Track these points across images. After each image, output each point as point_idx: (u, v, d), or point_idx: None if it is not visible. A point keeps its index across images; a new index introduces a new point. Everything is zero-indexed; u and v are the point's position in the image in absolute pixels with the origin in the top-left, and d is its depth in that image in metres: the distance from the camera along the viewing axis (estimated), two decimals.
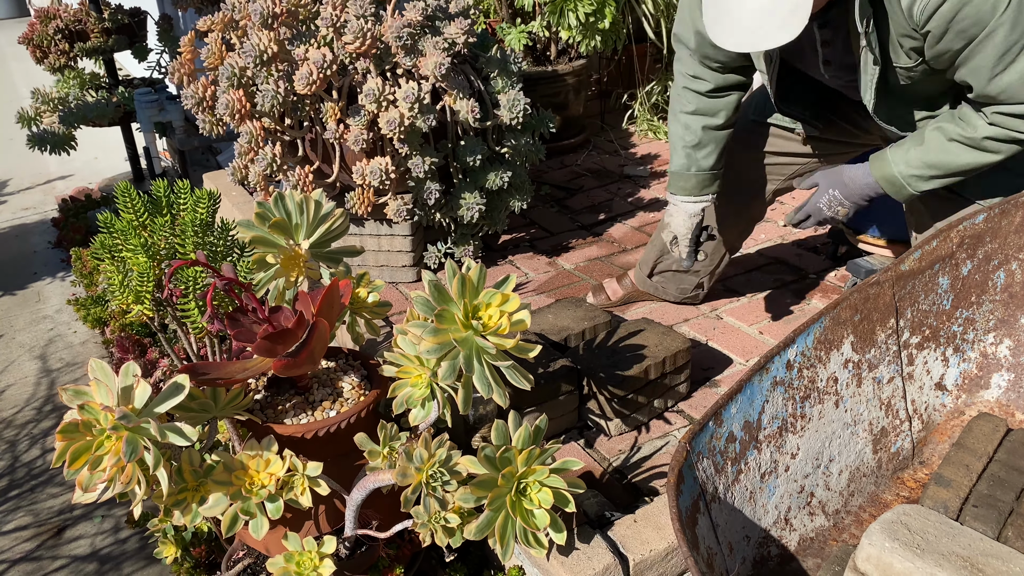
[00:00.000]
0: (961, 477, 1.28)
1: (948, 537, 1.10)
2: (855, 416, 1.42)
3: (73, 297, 3.20)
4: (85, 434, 1.24)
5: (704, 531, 1.13)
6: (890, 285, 1.44)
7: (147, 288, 1.51)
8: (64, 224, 3.82)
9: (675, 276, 2.30)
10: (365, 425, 1.51)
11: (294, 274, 1.60)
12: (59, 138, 3.60)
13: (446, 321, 1.37)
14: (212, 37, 2.39)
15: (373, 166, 2.33)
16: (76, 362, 2.84)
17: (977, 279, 1.55)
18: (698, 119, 1.96)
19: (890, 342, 1.46)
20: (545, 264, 2.71)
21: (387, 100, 2.26)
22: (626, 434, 1.92)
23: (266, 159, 2.34)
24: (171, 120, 3.72)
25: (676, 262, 2.21)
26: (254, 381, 1.58)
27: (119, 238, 1.52)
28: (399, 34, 2.26)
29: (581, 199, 3.19)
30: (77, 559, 2.00)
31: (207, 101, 2.36)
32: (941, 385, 1.55)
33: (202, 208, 1.57)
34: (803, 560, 1.31)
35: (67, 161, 4.65)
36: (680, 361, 1.94)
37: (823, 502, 1.37)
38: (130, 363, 1.28)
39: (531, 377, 1.43)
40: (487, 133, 2.53)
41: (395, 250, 2.58)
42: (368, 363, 1.64)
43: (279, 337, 1.36)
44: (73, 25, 3.70)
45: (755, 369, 1.24)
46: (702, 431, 1.15)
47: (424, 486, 1.37)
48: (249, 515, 1.36)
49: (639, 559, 1.52)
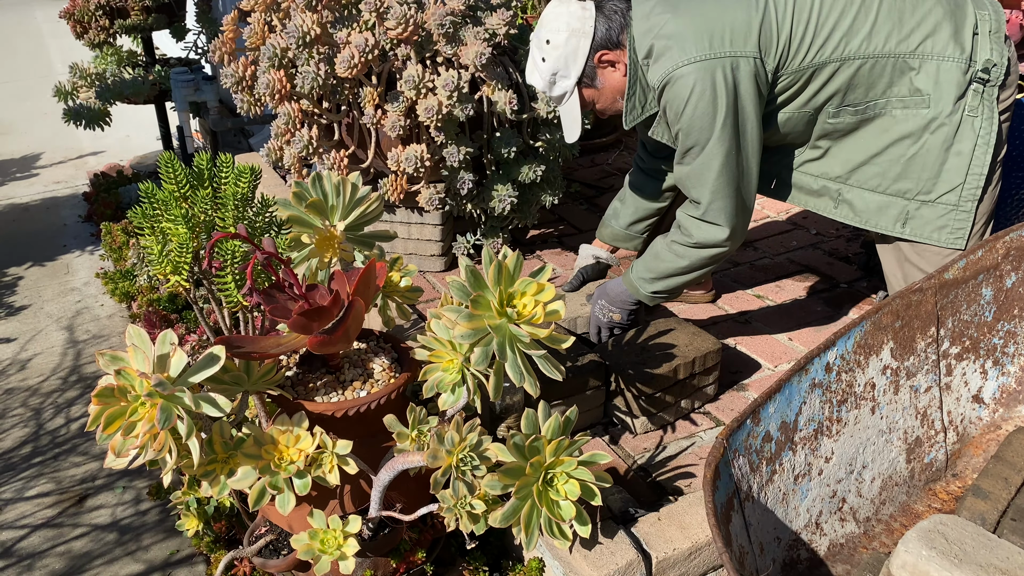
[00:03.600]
0: (999, 490, 1.26)
1: (986, 549, 1.08)
2: (890, 424, 1.40)
3: (101, 271, 3.22)
4: (120, 399, 1.24)
5: (737, 529, 1.12)
6: (933, 293, 1.42)
7: (185, 259, 1.51)
8: (95, 199, 3.85)
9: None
10: (394, 407, 1.51)
11: (328, 255, 1.60)
12: (95, 113, 3.62)
13: (481, 307, 1.36)
14: (255, 17, 2.40)
15: (408, 153, 2.33)
16: (102, 335, 2.87)
17: (1021, 292, 1.52)
18: (631, 182, 2.24)
19: (929, 351, 1.44)
20: (573, 260, 2.70)
21: (426, 87, 2.26)
22: (651, 432, 1.91)
23: (302, 141, 2.35)
24: (206, 100, 3.73)
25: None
26: (286, 358, 1.58)
27: (159, 208, 1.52)
28: (441, 22, 2.25)
29: (610, 198, 3.16)
30: (97, 528, 2.01)
31: (247, 81, 2.37)
32: (979, 398, 1.53)
33: (244, 183, 1.57)
34: (832, 566, 1.30)
35: (100, 137, 4.69)
36: (710, 362, 1.92)
37: (854, 508, 1.36)
38: (168, 332, 1.29)
39: (562, 368, 1.42)
40: (522, 126, 2.53)
41: (424, 239, 2.58)
42: (399, 346, 1.63)
43: (315, 314, 1.36)
44: (115, 2, 3.72)
45: (795, 370, 1.23)
46: (740, 428, 1.14)
47: (454, 469, 1.37)
48: (277, 490, 1.36)
49: (662, 557, 1.51)
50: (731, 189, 1.75)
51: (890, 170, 1.77)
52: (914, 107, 1.72)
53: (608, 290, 1.98)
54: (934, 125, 1.71)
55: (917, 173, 1.75)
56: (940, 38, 1.69)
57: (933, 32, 1.70)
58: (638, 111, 1.84)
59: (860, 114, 1.76)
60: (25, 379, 2.62)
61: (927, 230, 1.76)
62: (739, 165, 1.75)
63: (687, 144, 1.75)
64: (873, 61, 1.70)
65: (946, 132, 1.70)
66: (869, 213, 1.82)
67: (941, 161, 1.72)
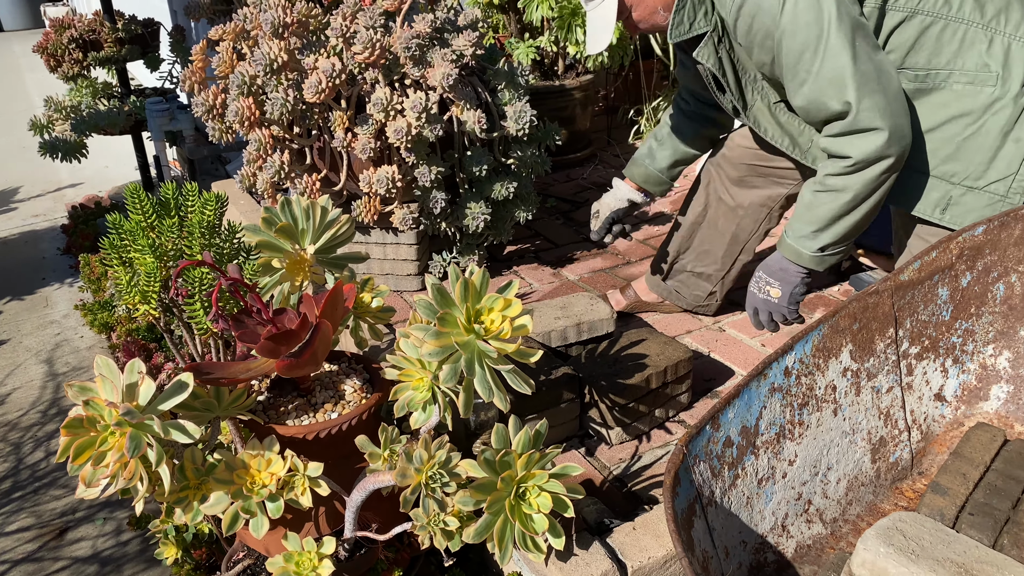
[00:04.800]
0: (958, 486, 1.29)
1: (943, 544, 1.11)
2: (853, 425, 1.43)
3: (80, 302, 3.22)
4: (89, 430, 1.25)
5: (700, 534, 1.13)
6: (889, 295, 1.45)
7: (154, 288, 1.52)
8: (73, 230, 3.85)
9: (690, 279, 2.31)
10: (367, 428, 1.52)
11: (299, 279, 1.61)
12: (70, 145, 3.64)
13: (448, 324, 1.38)
14: (223, 46, 2.43)
15: (380, 174, 2.35)
16: (82, 367, 2.86)
17: (976, 291, 1.55)
18: (672, 123, 2.13)
19: (889, 352, 1.46)
20: (550, 275, 2.72)
21: (395, 109, 2.29)
22: (627, 443, 1.93)
23: (274, 166, 2.37)
24: (181, 129, 3.76)
25: (691, 261, 2.26)
26: (257, 383, 1.59)
27: (127, 239, 1.54)
28: (408, 45, 2.29)
29: (586, 212, 3.21)
30: (78, 560, 2.01)
31: (217, 109, 2.40)
32: (940, 396, 1.56)
33: (209, 210, 1.59)
34: (800, 567, 1.32)
35: (78, 169, 4.69)
36: (682, 371, 1.94)
37: (820, 510, 1.38)
38: (136, 360, 1.30)
39: (532, 382, 1.44)
40: (493, 144, 2.56)
41: (400, 258, 2.60)
42: (371, 367, 1.65)
43: (283, 338, 1.38)
44: (87, 35, 3.75)
45: (753, 375, 1.25)
46: (699, 435, 1.16)
47: (423, 487, 1.38)
48: (249, 514, 1.37)
49: (637, 566, 1.53)
50: (875, 82, 1.54)
51: (941, 149, 1.63)
52: (979, 84, 1.59)
53: (768, 261, 1.80)
54: (997, 106, 1.59)
55: (970, 156, 1.61)
56: (1013, 16, 1.60)
57: (1007, 7, 1.60)
58: (685, 26, 1.68)
59: (919, 82, 1.63)
60: (4, 414, 2.61)
61: (968, 219, 1.63)
62: (868, 56, 1.53)
63: (795, 49, 1.54)
64: (944, 23, 1.58)
65: (1008, 115, 1.59)
66: (908, 194, 1.69)
67: (997, 146, 1.60)
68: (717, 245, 2.21)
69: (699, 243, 2.24)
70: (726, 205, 2.17)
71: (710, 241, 2.23)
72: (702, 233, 2.23)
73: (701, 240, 2.24)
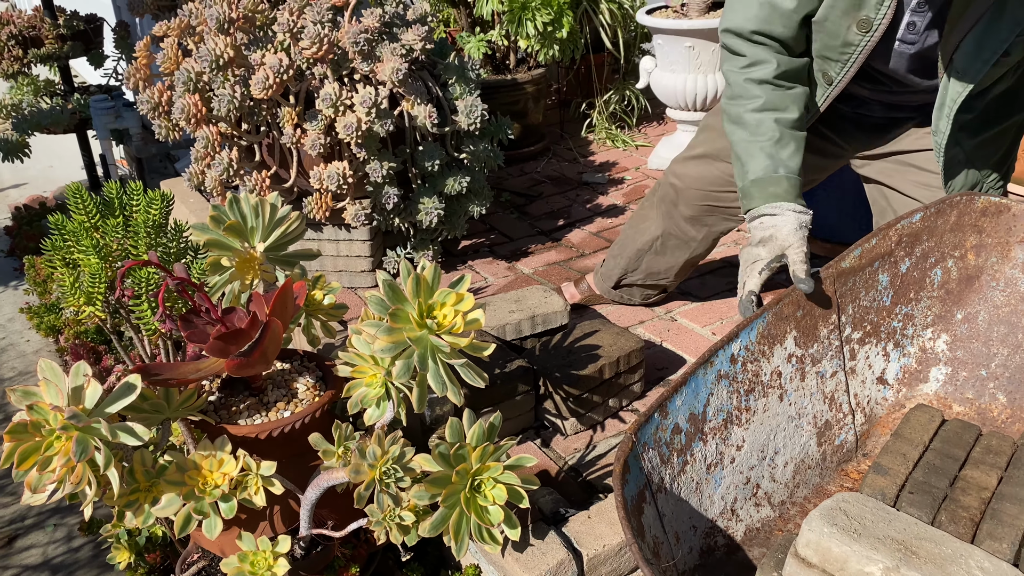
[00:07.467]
0: (898, 466, 1.33)
1: (884, 522, 1.14)
2: (799, 409, 1.46)
3: (26, 305, 3.15)
4: (34, 435, 1.23)
5: (650, 520, 1.16)
6: (832, 281, 1.48)
7: (99, 290, 1.50)
8: (17, 232, 3.76)
9: (640, 290, 2.36)
10: (320, 426, 1.52)
11: (249, 277, 1.60)
12: (12, 145, 3.55)
13: (400, 320, 1.38)
14: (168, 42, 2.39)
15: (331, 171, 2.34)
16: (29, 371, 2.80)
17: (915, 276, 1.60)
18: (769, 114, 1.64)
19: (832, 337, 1.50)
20: (504, 269, 2.73)
21: (344, 105, 2.27)
22: (582, 433, 1.95)
23: (223, 164, 2.34)
24: (128, 127, 3.68)
25: (641, 279, 2.28)
26: (208, 383, 1.58)
27: (70, 239, 1.51)
28: (356, 40, 2.27)
29: (540, 205, 3.23)
30: (29, 568, 1.97)
31: (163, 106, 2.36)
32: (883, 379, 1.60)
33: (155, 209, 1.57)
34: (749, 550, 1.35)
35: (21, 169, 4.57)
36: (634, 361, 1.97)
37: (769, 493, 1.41)
38: (81, 363, 1.28)
39: (485, 375, 1.44)
40: (445, 139, 2.56)
41: (354, 255, 2.58)
42: (323, 364, 1.64)
43: (232, 337, 1.37)
44: (27, 31, 3.65)
45: (699, 362, 1.28)
46: (647, 422, 1.18)
47: (377, 483, 1.38)
48: (202, 515, 1.36)
49: (592, 554, 1.55)
50: None
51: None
52: None
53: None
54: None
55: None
56: None
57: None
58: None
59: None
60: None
61: None
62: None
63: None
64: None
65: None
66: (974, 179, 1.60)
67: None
68: (668, 267, 2.25)
69: (648, 266, 2.27)
70: (677, 239, 2.17)
71: (660, 264, 2.25)
72: (650, 259, 2.25)
73: (649, 264, 2.26)
